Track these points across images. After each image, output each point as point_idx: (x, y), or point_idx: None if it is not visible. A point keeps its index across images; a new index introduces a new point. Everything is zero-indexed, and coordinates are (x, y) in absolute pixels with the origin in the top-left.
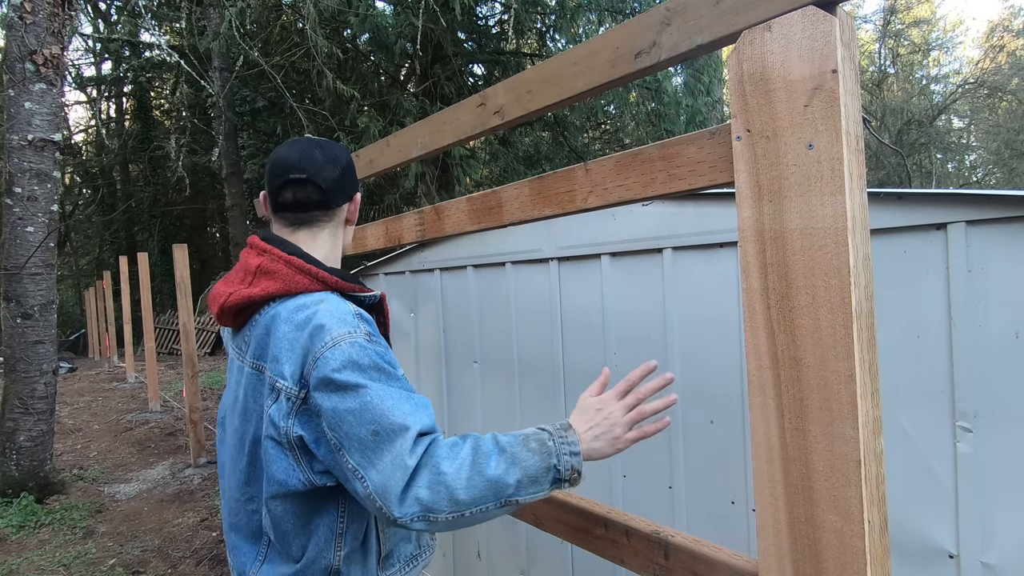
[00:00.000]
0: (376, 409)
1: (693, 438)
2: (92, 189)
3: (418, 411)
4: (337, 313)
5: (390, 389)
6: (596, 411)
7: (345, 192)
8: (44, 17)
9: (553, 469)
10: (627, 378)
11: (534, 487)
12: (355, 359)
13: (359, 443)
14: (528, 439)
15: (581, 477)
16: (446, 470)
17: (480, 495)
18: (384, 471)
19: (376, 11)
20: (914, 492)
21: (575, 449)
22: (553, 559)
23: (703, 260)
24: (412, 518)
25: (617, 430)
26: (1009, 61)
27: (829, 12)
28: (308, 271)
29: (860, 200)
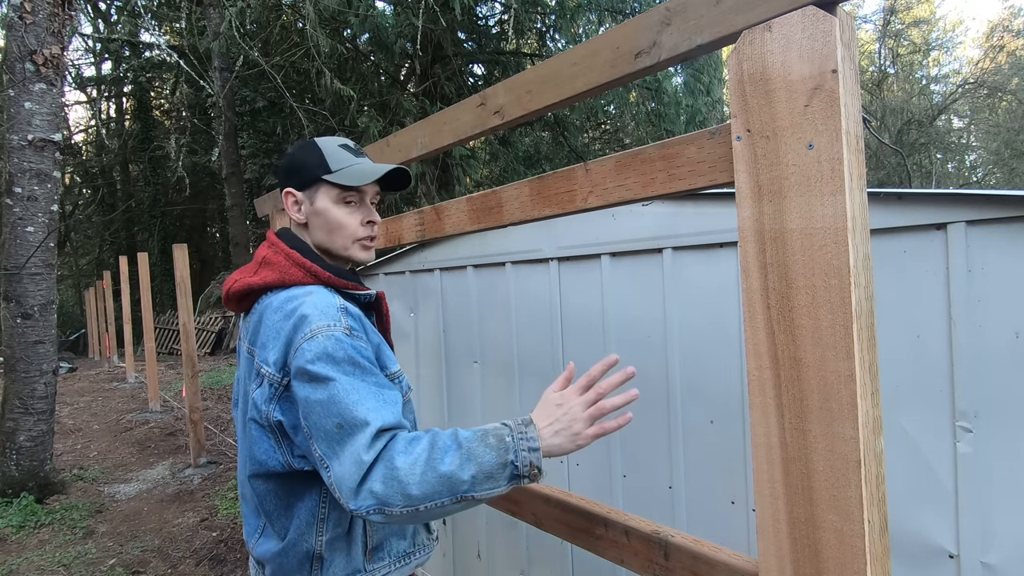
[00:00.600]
0: (342, 403)
1: (693, 438)
2: (92, 189)
3: (382, 408)
4: (321, 305)
5: (358, 384)
6: (557, 406)
7: (281, 188)
8: (44, 17)
9: (510, 465)
10: (588, 373)
11: (489, 483)
12: (330, 351)
13: (325, 434)
14: (487, 435)
15: (541, 473)
16: (399, 465)
17: (433, 490)
18: (344, 463)
19: (376, 11)
20: (914, 492)
21: (534, 445)
22: (553, 559)
23: (703, 260)
24: (368, 510)
25: (577, 426)
26: (1009, 61)
27: (829, 12)
28: (302, 264)
29: (860, 200)
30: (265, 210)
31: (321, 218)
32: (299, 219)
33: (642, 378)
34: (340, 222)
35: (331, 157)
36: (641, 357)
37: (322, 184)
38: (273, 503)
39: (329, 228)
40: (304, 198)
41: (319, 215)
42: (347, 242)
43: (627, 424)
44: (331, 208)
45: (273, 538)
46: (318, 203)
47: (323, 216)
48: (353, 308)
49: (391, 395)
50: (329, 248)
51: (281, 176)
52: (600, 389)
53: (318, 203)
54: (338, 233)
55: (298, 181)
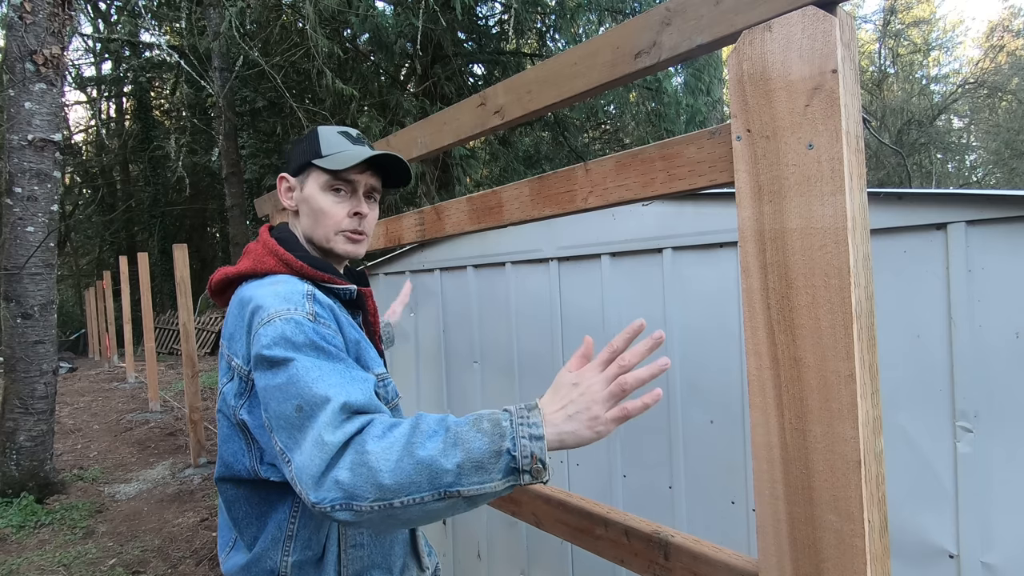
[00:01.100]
0: (301, 382)
1: (693, 438)
2: (92, 189)
3: (348, 384)
4: (283, 292)
5: (321, 363)
6: (572, 386)
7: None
8: (44, 17)
9: (506, 454)
10: (610, 345)
11: (479, 475)
12: (287, 335)
13: (285, 421)
14: (481, 419)
15: (545, 469)
16: (371, 449)
17: (408, 480)
18: (304, 450)
19: (376, 11)
20: (914, 492)
21: (536, 432)
22: (553, 559)
23: (703, 260)
24: (332, 505)
25: (596, 408)
26: (1009, 61)
27: (829, 12)
28: (276, 252)
29: (860, 200)
30: (265, 210)
31: (307, 205)
32: (290, 205)
33: None
34: (324, 209)
35: (325, 142)
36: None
37: (312, 169)
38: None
39: (314, 216)
40: (296, 184)
41: (306, 202)
42: (329, 232)
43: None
44: (317, 195)
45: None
46: (307, 189)
47: (309, 203)
48: (324, 298)
49: (360, 375)
50: (313, 238)
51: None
52: (624, 362)
53: (307, 189)
54: (321, 221)
55: (292, 166)
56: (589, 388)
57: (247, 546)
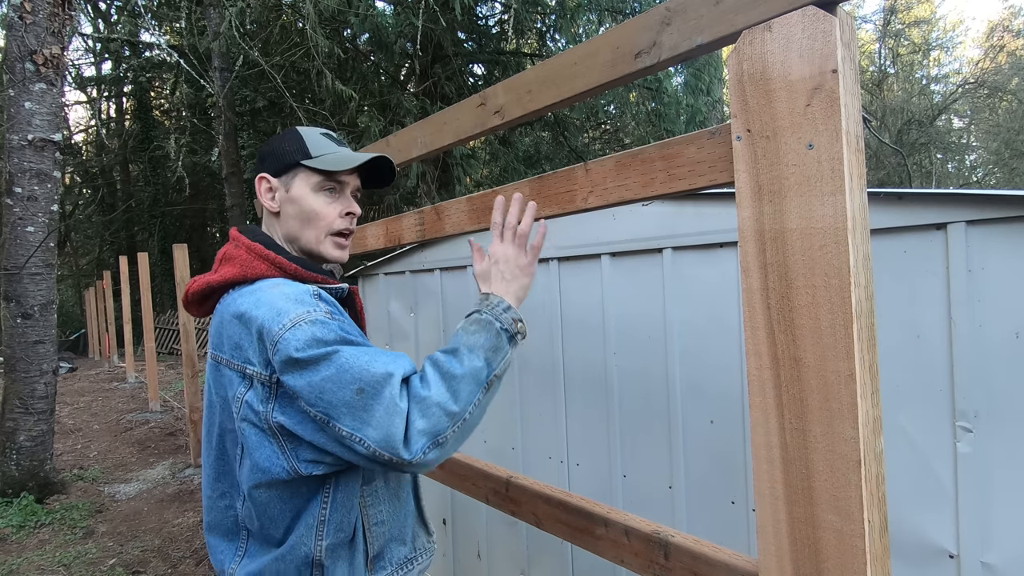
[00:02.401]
0: (355, 367)
1: (693, 438)
2: (92, 189)
3: (398, 359)
4: (292, 295)
5: (362, 349)
6: (493, 264)
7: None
8: (44, 17)
9: (502, 331)
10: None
11: (499, 355)
12: (318, 336)
13: (347, 406)
14: (465, 327)
15: (524, 324)
16: (426, 394)
17: (467, 393)
18: (381, 423)
19: (376, 11)
20: (914, 492)
21: (505, 305)
22: (553, 559)
23: (703, 260)
24: (424, 450)
25: (519, 259)
26: (1009, 61)
27: (829, 12)
28: (266, 256)
29: (860, 200)
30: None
31: (296, 206)
32: (272, 207)
33: (642, 378)
34: (317, 211)
35: (312, 143)
36: (641, 357)
37: (300, 170)
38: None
39: (304, 217)
40: (279, 185)
41: (294, 203)
42: (321, 235)
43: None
44: (308, 196)
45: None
46: (294, 190)
47: (298, 204)
48: (327, 295)
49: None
50: (300, 240)
51: (257, 163)
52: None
53: (294, 190)
54: (313, 224)
55: (274, 167)
56: (504, 255)
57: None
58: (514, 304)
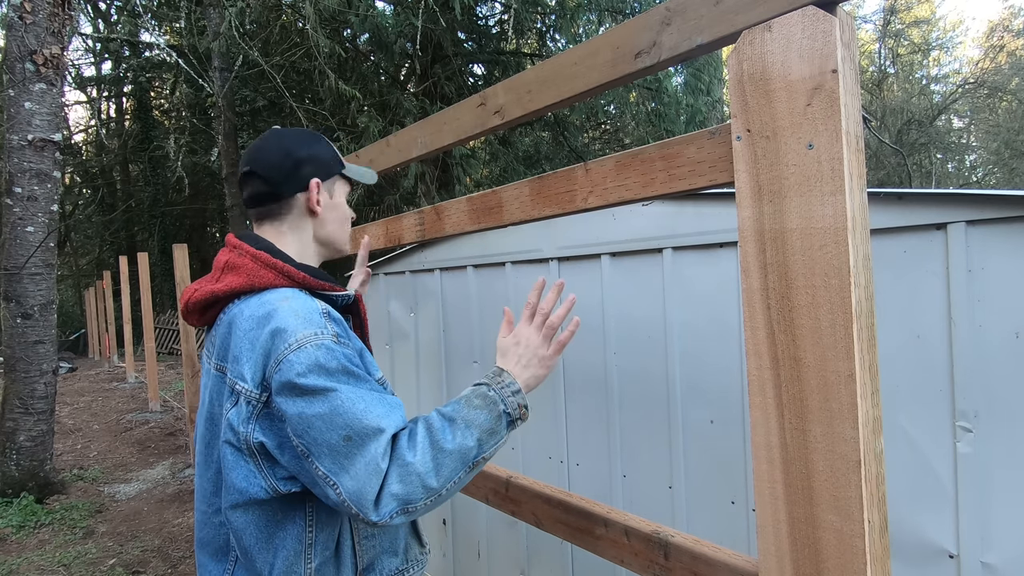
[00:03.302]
0: (348, 413)
1: (693, 438)
2: (92, 189)
3: (392, 412)
4: (303, 312)
5: (360, 391)
6: (515, 344)
7: (298, 179)
8: (44, 17)
9: (504, 415)
10: (527, 304)
11: (494, 439)
12: (321, 362)
13: (330, 449)
14: (470, 399)
15: (529, 410)
16: (411, 460)
17: (449, 471)
18: (358, 476)
19: (376, 11)
20: (914, 492)
21: (515, 388)
22: (553, 559)
23: (703, 260)
24: (392, 514)
25: (540, 350)
26: (1009, 61)
27: (829, 12)
28: (274, 266)
29: (860, 200)
30: None
31: (337, 211)
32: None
33: (642, 378)
34: (348, 216)
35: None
36: (641, 357)
37: (339, 178)
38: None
39: (342, 221)
40: (324, 190)
41: (336, 208)
42: (348, 235)
43: (578, 328)
44: (343, 203)
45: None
46: (337, 196)
47: (339, 209)
48: (335, 313)
49: (394, 400)
50: (335, 241)
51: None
52: (543, 311)
53: (337, 196)
54: (346, 227)
55: (323, 172)
56: (528, 340)
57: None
58: (524, 388)
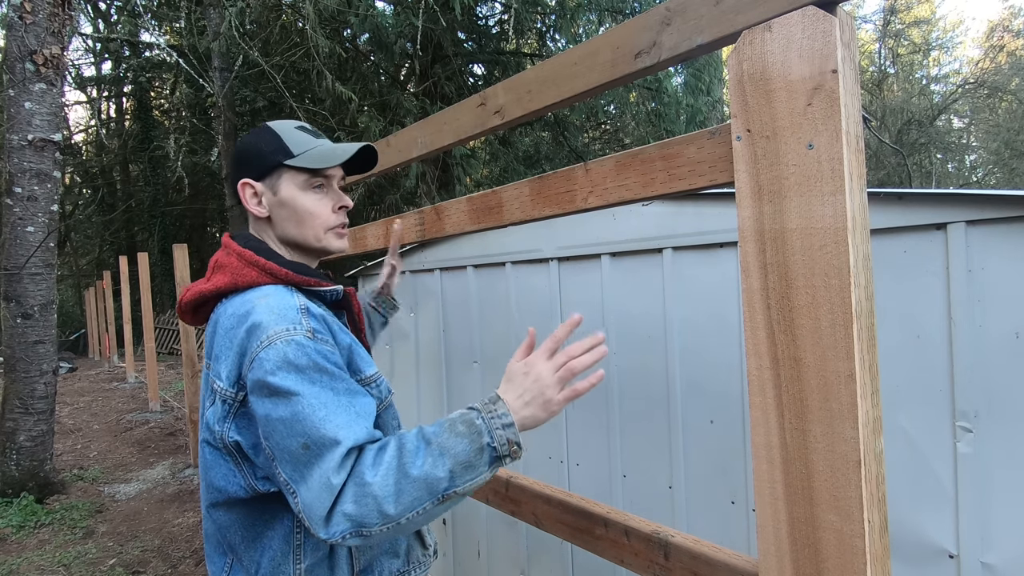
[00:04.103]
0: (308, 420)
1: (693, 438)
2: (92, 189)
3: (354, 422)
4: (278, 308)
5: (326, 395)
6: (524, 375)
7: (233, 181)
8: (44, 17)
9: (487, 448)
10: (553, 335)
11: (470, 473)
12: (291, 359)
13: (290, 455)
14: (455, 423)
15: (521, 449)
16: (370, 480)
17: (411, 499)
18: (312, 488)
19: (376, 11)
20: (914, 492)
21: (507, 421)
22: (553, 559)
23: (703, 260)
24: (343, 535)
25: (549, 392)
26: (1009, 61)
27: (829, 12)
28: (256, 263)
29: (860, 200)
30: None
31: (287, 208)
32: (260, 213)
33: (642, 378)
34: (310, 210)
35: (290, 140)
36: (641, 357)
37: (284, 170)
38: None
39: (298, 219)
40: (264, 189)
41: (285, 206)
42: (319, 232)
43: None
44: (298, 196)
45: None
46: (283, 192)
47: (290, 206)
48: (317, 308)
49: (364, 404)
50: (300, 241)
51: (233, 168)
52: (569, 352)
53: (283, 192)
54: (309, 223)
55: (255, 170)
56: (540, 376)
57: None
58: (518, 426)
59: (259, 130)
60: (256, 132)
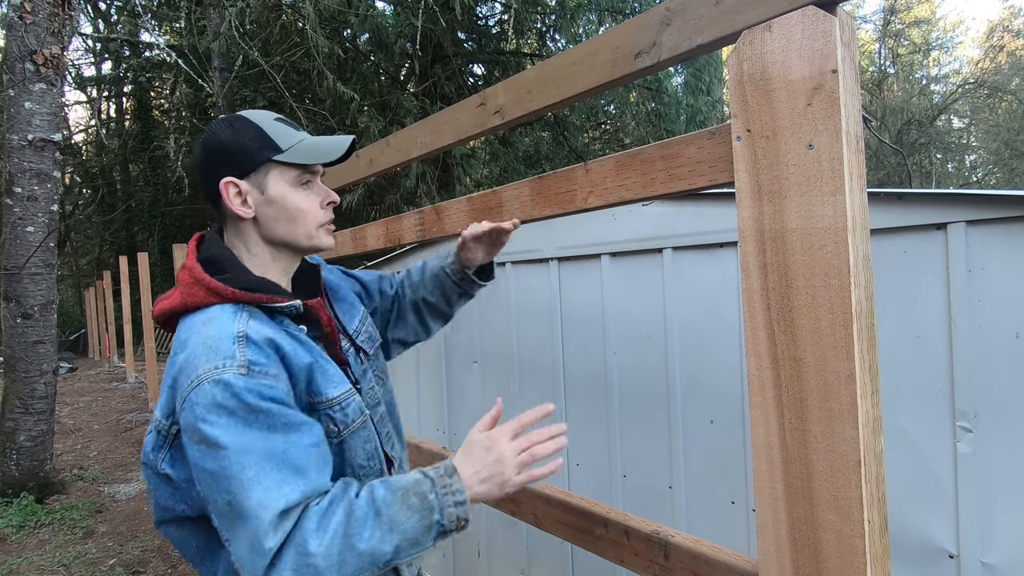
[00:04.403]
0: (235, 479)
1: (693, 438)
2: (92, 189)
3: (289, 479)
4: (213, 339)
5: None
6: (485, 451)
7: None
8: (44, 17)
9: (436, 525)
10: (520, 419)
11: (416, 548)
12: (219, 402)
13: (217, 509)
14: (408, 494)
15: (468, 523)
16: (314, 550)
17: (354, 570)
18: (242, 548)
19: (376, 11)
20: (914, 492)
21: (460, 498)
22: (553, 559)
23: (703, 260)
24: None
25: (508, 472)
26: (1009, 61)
27: (829, 12)
28: (201, 281)
29: (860, 200)
30: None
31: (277, 207)
32: (246, 213)
33: (642, 378)
34: (301, 208)
35: (275, 134)
36: (641, 357)
37: (272, 167)
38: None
39: (289, 217)
40: (250, 187)
41: (274, 204)
42: (311, 229)
43: (558, 470)
44: (289, 193)
45: None
46: (272, 190)
47: (279, 204)
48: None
49: (302, 455)
50: (290, 241)
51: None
52: (533, 438)
53: (272, 190)
54: (301, 221)
55: (239, 167)
56: (502, 456)
57: None
58: (470, 501)
59: (234, 122)
60: (231, 125)
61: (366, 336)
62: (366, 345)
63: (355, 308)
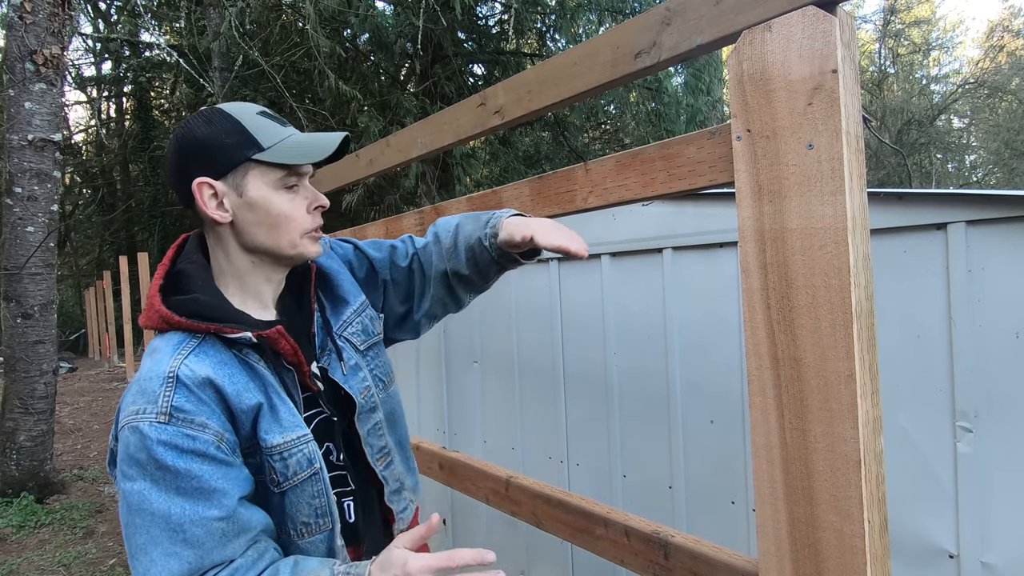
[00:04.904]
0: (129, 538)
1: (693, 438)
2: (92, 189)
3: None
4: (144, 377)
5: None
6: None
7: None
8: (44, 17)
9: None
10: (451, 555)
11: None
12: (132, 452)
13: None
14: None
15: None
16: None
17: None
18: None
19: (376, 11)
20: (914, 492)
21: None
22: (553, 559)
23: (703, 260)
24: None
25: None
26: (1009, 61)
27: (829, 12)
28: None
29: (860, 200)
30: None
31: (258, 212)
32: (222, 218)
33: (642, 378)
34: (285, 213)
35: (257, 130)
36: (641, 357)
37: (252, 166)
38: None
39: (271, 223)
40: (227, 189)
41: (255, 208)
42: (295, 237)
43: None
44: (271, 197)
45: None
46: (251, 192)
47: (260, 209)
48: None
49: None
50: (271, 249)
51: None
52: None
53: (251, 192)
54: (284, 227)
55: (215, 167)
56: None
57: None
58: None
59: (211, 116)
60: (207, 119)
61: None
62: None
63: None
